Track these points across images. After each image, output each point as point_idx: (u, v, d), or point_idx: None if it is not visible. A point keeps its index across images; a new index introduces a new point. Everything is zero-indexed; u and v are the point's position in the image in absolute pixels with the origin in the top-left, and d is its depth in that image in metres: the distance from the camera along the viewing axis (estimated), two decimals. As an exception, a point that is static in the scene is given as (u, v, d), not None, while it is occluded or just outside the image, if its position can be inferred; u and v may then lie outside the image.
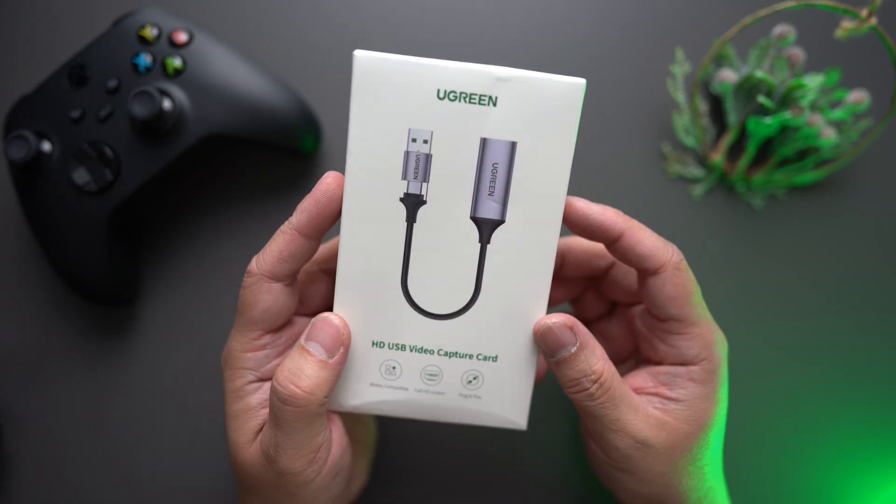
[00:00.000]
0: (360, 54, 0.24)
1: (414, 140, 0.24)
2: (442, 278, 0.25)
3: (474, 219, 0.25)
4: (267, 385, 0.26)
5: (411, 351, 0.26)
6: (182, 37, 0.33)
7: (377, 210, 0.25)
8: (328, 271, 0.29)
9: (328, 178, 0.25)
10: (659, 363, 0.27)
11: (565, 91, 0.24)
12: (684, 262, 0.26)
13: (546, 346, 0.25)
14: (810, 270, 0.37)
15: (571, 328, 0.25)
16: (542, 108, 0.24)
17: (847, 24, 0.32)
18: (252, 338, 0.26)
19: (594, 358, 0.25)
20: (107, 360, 0.36)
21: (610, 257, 0.29)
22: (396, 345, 0.26)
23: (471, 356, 0.26)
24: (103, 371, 0.36)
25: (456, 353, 0.26)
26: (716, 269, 0.37)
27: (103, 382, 0.36)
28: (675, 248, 0.26)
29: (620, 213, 0.26)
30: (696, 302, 0.26)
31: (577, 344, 0.25)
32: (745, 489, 0.35)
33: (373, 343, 0.26)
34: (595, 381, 0.25)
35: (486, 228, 0.25)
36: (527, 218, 0.25)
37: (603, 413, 0.25)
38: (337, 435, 0.27)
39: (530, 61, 0.38)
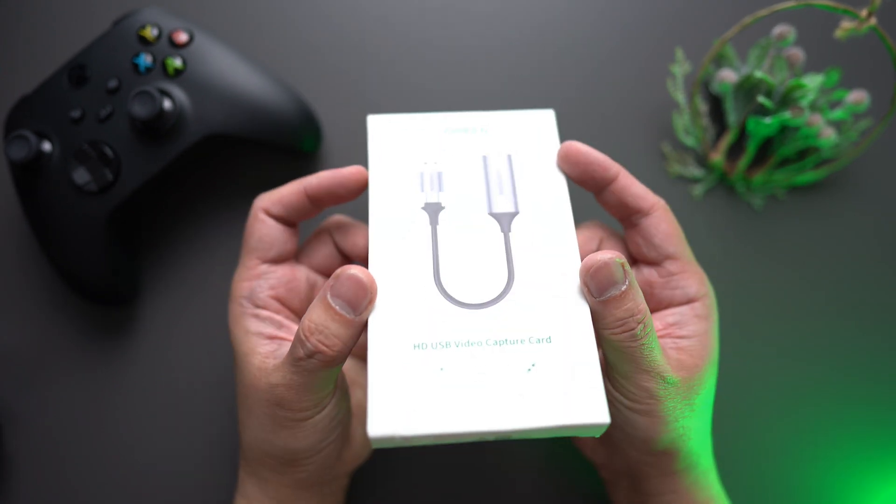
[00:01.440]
0: (372, 119, 0.29)
1: (426, 162, 0.28)
2: (473, 270, 0.26)
3: (492, 214, 0.27)
4: (262, 314, 0.28)
5: (458, 347, 0.24)
6: (182, 37, 0.33)
7: (402, 221, 0.27)
8: (334, 235, 0.31)
9: (353, 168, 0.28)
10: (663, 310, 0.28)
11: (540, 121, 0.30)
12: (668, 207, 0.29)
13: (597, 283, 0.24)
14: (810, 270, 0.37)
15: (623, 265, 0.25)
16: (525, 134, 0.30)
17: (847, 25, 0.32)
18: (249, 266, 0.29)
19: (640, 297, 0.25)
20: (107, 360, 0.36)
21: (596, 241, 0.30)
22: (441, 343, 0.24)
23: (522, 341, 0.24)
24: (103, 371, 0.36)
25: (506, 339, 0.24)
26: (716, 269, 0.37)
27: (103, 382, 0.36)
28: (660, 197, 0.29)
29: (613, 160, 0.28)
30: (685, 240, 0.29)
31: (627, 282, 0.24)
32: (746, 489, 0.35)
33: (414, 346, 0.24)
34: (641, 322, 0.24)
35: (504, 220, 0.27)
36: (538, 204, 0.27)
37: (642, 354, 0.25)
38: (342, 387, 0.28)
39: (530, 62, 0.38)
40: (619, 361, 0.26)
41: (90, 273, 0.33)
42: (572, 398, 0.23)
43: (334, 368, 0.25)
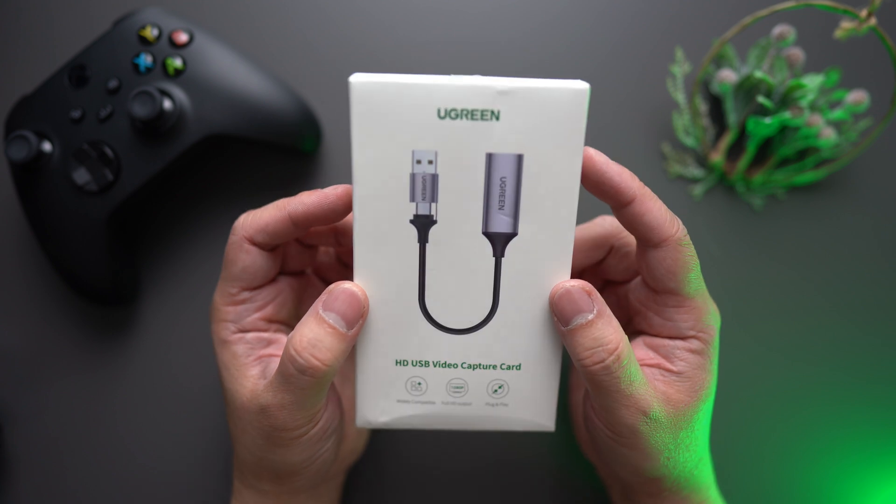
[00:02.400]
0: (356, 79, 0.23)
1: (419, 162, 0.24)
2: (459, 294, 0.25)
3: (486, 234, 0.25)
4: (249, 336, 0.27)
5: (435, 366, 0.26)
6: (182, 37, 0.33)
7: (389, 234, 0.25)
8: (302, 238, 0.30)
9: (339, 190, 0.26)
10: (654, 336, 0.27)
11: (569, 98, 0.23)
12: (687, 238, 0.26)
13: (562, 311, 0.25)
14: (810, 270, 0.37)
15: (589, 294, 0.24)
16: (546, 118, 0.23)
17: (846, 25, 0.32)
18: (231, 293, 0.27)
19: (610, 328, 0.24)
20: (107, 360, 0.36)
21: (608, 246, 0.29)
22: (420, 361, 0.26)
23: (494, 367, 0.26)
24: (103, 371, 0.36)
25: (479, 364, 0.26)
26: (716, 269, 0.37)
27: (103, 382, 0.36)
28: (680, 222, 0.26)
29: (636, 178, 0.25)
30: (694, 277, 0.26)
31: (595, 311, 0.24)
32: (746, 489, 0.36)
33: (396, 362, 0.26)
34: (612, 353, 0.24)
35: (498, 242, 0.25)
36: (539, 228, 0.25)
37: (617, 388, 0.24)
38: (333, 396, 0.27)
39: (530, 61, 0.38)
40: (597, 394, 0.25)
41: (90, 273, 0.33)
42: (526, 412, 0.27)
43: (324, 384, 0.25)
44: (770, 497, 0.35)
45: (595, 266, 0.30)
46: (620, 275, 0.29)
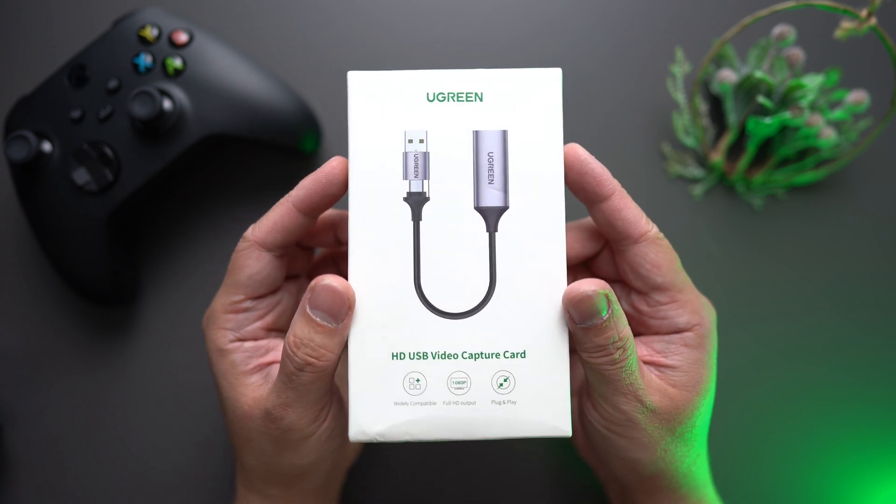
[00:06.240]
0: (353, 75, 0.26)
1: (410, 141, 0.25)
2: (455, 275, 0.25)
3: (479, 209, 0.25)
4: (247, 345, 0.27)
5: (434, 358, 0.25)
6: (182, 37, 0.33)
7: (383, 212, 0.25)
8: (300, 244, 0.30)
9: (333, 162, 0.26)
10: (652, 335, 0.27)
11: (544, 80, 0.26)
12: (663, 235, 0.27)
13: (580, 313, 0.24)
14: (810, 270, 0.37)
15: (607, 296, 0.24)
16: (525, 99, 0.26)
17: (846, 25, 0.32)
18: (235, 301, 0.27)
19: (621, 324, 0.24)
20: (107, 360, 0.36)
21: (601, 242, 0.29)
22: (418, 353, 0.25)
23: (497, 355, 0.25)
24: (103, 371, 0.36)
25: (481, 353, 0.25)
26: (716, 269, 0.37)
27: (103, 382, 0.36)
28: (655, 225, 0.27)
29: (614, 177, 0.26)
30: (679, 269, 0.27)
31: (610, 311, 0.24)
32: (746, 489, 0.36)
33: (392, 356, 0.25)
34: (620, 348, 0.24)
35: (491, 216, 0.25)
36: (529, 200, 0.25)
37: (619, 377, 0.24)
38: (335, 396, 0.27)
39: (530, 61, 0.38)
40: (597, 382, 0.25)
41: (90, 273, 0.33)
42: (537, 412, 0.25)
43: (326, 378, 0.25)
44: (770, 497, 0.35)
45: (589, 261, 0.30)
46: (614, 271, 0.29)
